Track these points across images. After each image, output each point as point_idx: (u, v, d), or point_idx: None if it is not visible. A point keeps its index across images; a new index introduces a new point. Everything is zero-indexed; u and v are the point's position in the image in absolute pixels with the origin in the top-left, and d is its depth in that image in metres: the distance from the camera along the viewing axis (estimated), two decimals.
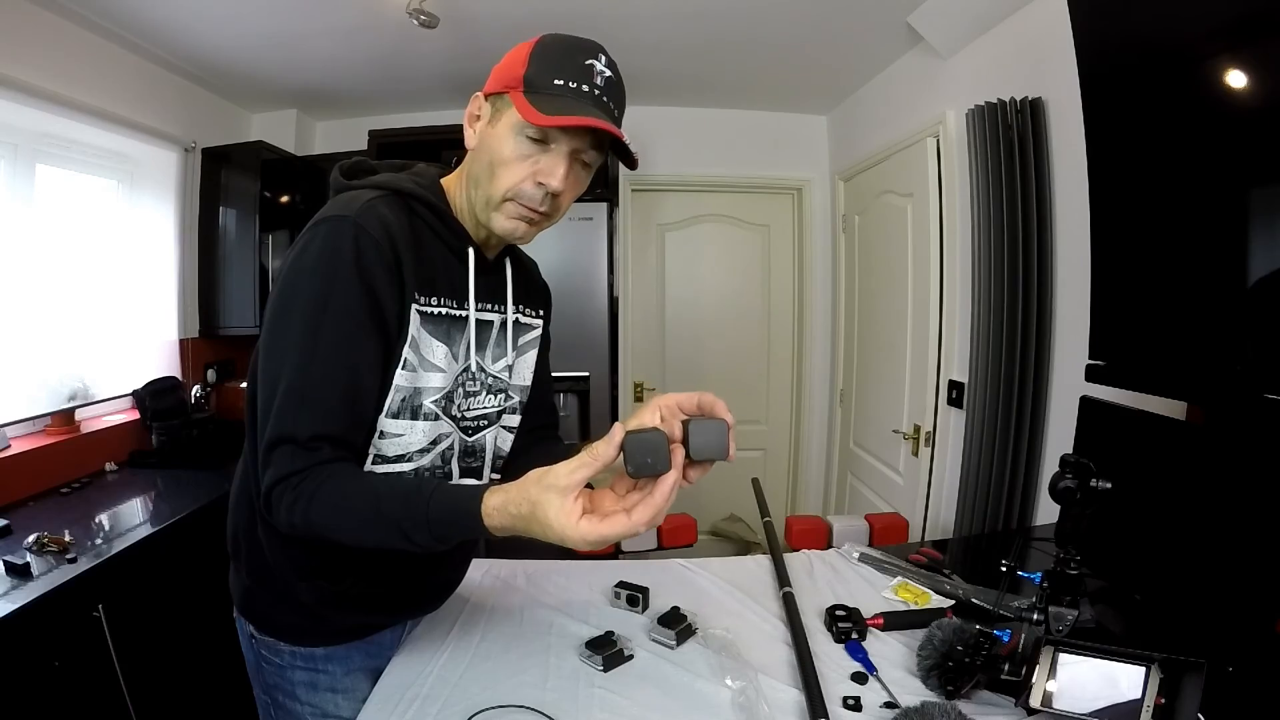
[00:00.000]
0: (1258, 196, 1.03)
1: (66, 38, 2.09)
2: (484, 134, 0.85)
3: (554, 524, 0.66)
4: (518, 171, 0.83)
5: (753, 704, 0.89)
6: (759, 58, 2.66)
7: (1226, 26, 1.02)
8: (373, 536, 0.76)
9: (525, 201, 0.84)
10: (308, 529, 0.76)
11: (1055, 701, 0.83)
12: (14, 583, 1.39)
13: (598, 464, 0.66)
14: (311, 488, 0.75)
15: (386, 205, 0.83)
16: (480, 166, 0.86)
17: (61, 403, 2.18)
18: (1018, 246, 1.84)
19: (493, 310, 0.96)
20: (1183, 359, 1.18)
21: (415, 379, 0.86)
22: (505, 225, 0.86)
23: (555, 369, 2.79)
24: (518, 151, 0.82)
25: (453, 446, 0.95)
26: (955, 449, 2.19)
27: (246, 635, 0.98)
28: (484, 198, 0.86)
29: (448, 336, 0.89)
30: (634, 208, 3.36)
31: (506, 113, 0.82)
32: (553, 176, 0.83)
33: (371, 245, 0.79)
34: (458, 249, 0.90)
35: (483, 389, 0.97)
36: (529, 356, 1.05)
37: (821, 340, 3.46)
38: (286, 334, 0.79)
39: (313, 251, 0.79)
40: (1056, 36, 1.55)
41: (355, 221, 0.79)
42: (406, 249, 0.83)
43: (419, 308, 0.84)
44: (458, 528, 0.72)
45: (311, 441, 0.76)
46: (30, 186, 2.11)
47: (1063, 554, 0.96)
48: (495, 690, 0.93)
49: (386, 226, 0.81)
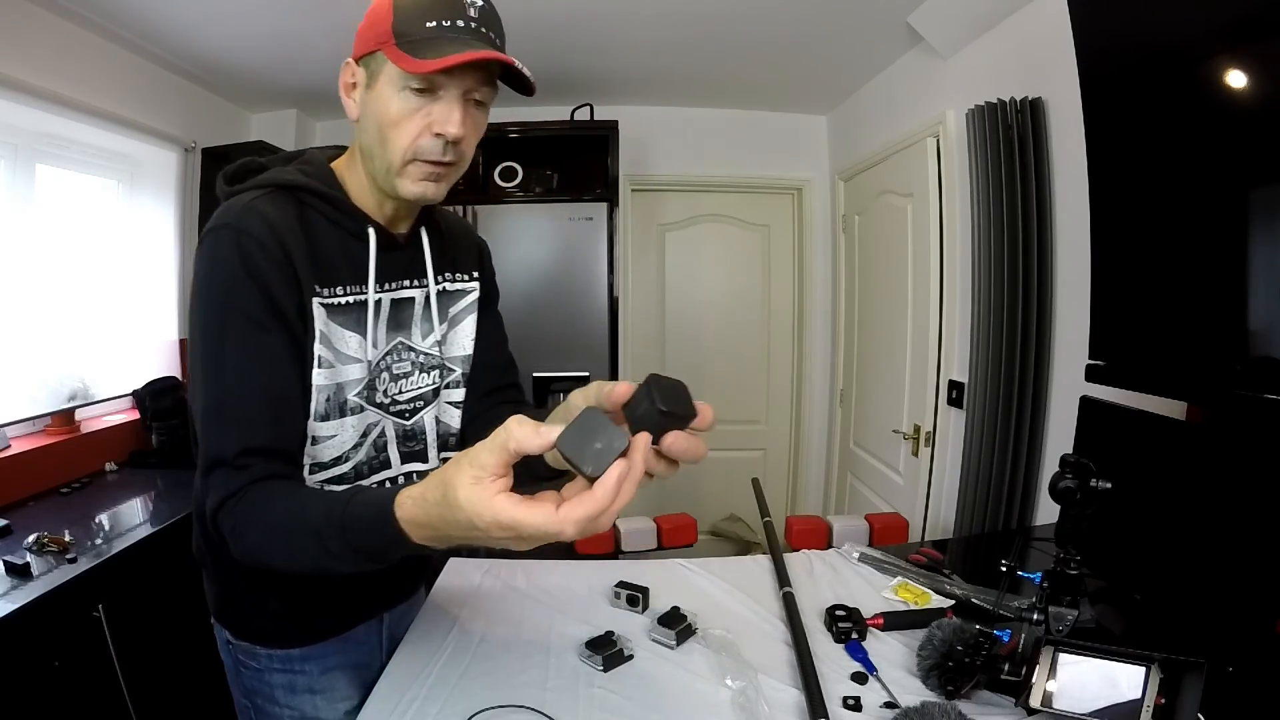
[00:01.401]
0: (1258, 196, 1.03)
1: (66, 38, 2.09)
2: (364, 101, 0.81)
3: (463, 501, 0.52)
4: (410, 128, 0.78)
5: (753, 704, 0.89)
6: (759, 58, 2.66)
7: (1226, 26, 1.02)
8: (303, 556, 0.67)
9: (427, 157, 0.80)
10: (249, 555, 0.73)
11: (1055, 701, 0.83)
12: (14, 583, 1.39)
13: (537, 440, 0.50)
14: (245, 510, 0.72)
15: (270, 203, 0.80)
16: (369, 136, 0.81)
17: (61, 403, 2.18)
18: (1018, 246, 1.83)
19: (412, 286, 0.93)
20: (1183, 359, 1.18)
21: (334, 375, 0.84)
22: (414, 189, 0.82)
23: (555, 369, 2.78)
24: (405, 107, 0.78)
25: (384, 434, 0.92)
26: (955, 449, 2.19)
27: (223, 641, 0.96)
28: (383, 167, 0.81)
29: (359, 324, 0.86)
30: (634, 208, 3.36)
31: (383, 71, 0.78)
32: (449, 123, 0.78)
33: (256, 247, 0.76)
34: (358, 231, 0.86)
35: (414, 368, 0.94)
36: (466, 324, 1.01)
37: (821, 340, 3.46)
38: (197, 355, 0.77)
39: (202, 268, 0.77)
40: (1056, 36, 1.54)
41: (235, 227, 0.76)
42: (297, 243, 0.79)
43: (321, 301, 0.81)
44: (372, 530, 0.61)
45: (240, 459, 0.73)
46: (30, 186, 2.11)
47: (1063, 554, 0.96)
48: (495, 690, 0.93)
49: (270, 225, 0.77)
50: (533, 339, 2.70)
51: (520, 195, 2.79)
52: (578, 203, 2.68)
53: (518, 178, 2.80)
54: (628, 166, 3.04)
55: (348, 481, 0.88)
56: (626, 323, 3.28)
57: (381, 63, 0.78)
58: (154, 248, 2.63)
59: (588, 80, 2.86)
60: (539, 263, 2.70)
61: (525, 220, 2.69)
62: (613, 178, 2.73)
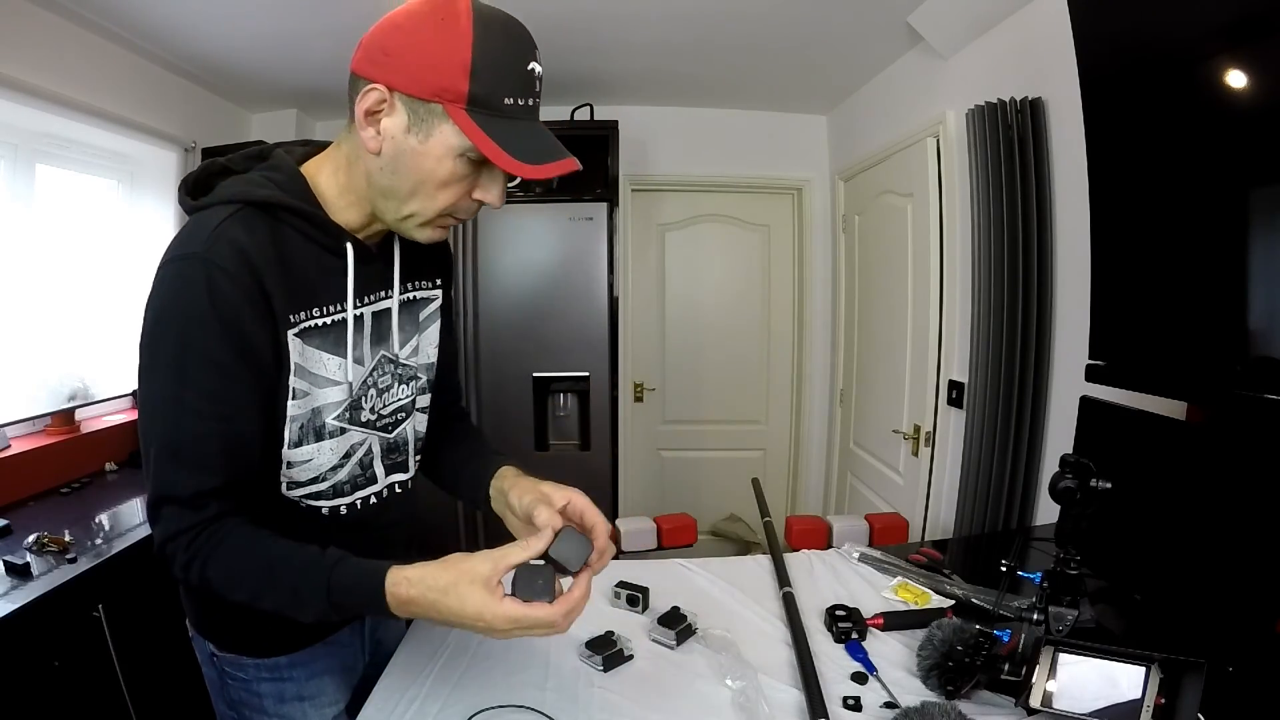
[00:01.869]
0: (1258, 196, 1.03)
1: (66, 38, 2.09)
2: (403, 147, 0.73)
3: (475, 600, 0.67)
4: (455, 192, 0.76)
5: (753, 704, 0.89)
6: (759, 58, 2.66)
7: (1226, 26, 1.02)
8: (266, 600, 0.73)
9: (460, 215, 0.80)
10: (204, 587, 0.73)
11: (1055, 701, 0.83)
12: (14, 583, 1.39)
13: (527, 554, 0.70)
14: (207, 548, 0.72)
15: (242, 225, 0.73)
16: (399, 181, 0.75)
17: (61, 403, 2.18)
18: (1018, 246, 1.83)
19: (388, 295, 0.90)
20: (1183, 359, 1.18)
21: (309, 402, 0.81)
22: (432, 235, 0.81)
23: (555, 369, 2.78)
24: (458, 173, 0.74)
25: (371, 450, 0.91)
26: (955, 449, 2.19)
27: (207, 654, 0.94)
28: (403, 213, 0.78)
29: (338, 345, 0.82)
30: (634, 208, 3.36)
31: (441, 129, 0.71)
32: (491, 194, 0.78)
33: (228, 283, 0.70)
34: (335, 248, 0.81)
35: (394, 380, 0.92)
36: (431, 332, 0.99)
37: (821, 340, 3.46)
38: (154, 390, 0.73)
39: (166, 298, 0.72)
40: (1056, 36, 1.54)
41: (205, 259, 0.70)
42: (272, 271, 0.74)
43: (297, 331, 0.78)
44: (359, 600, 0.71)
45: (195, 500, 0.72)
46: (30, 186, 2.11)
47: (1063, 554, 0.96)
48: (495, 690, 0.93)
49: (244, 254, 0.72)
50: (533, 339, 2.70)
51: (520, 195, 2.79)
52: (578, 203, 2.68)
53: (518, 178, 2.80)
54: (628, 166, 3.04)
55: (326, 498, 0.87)
56: (626, 323, 3.28)
57: (441, 118, 0.71)
58: (154, 248, 2.62)
59: (588, 80, 2.86)
60: (539, 263, 2.70)
61: (525, 220, 2.69)
62: (613, 178, 2.73)
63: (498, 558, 0.70)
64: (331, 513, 0.88)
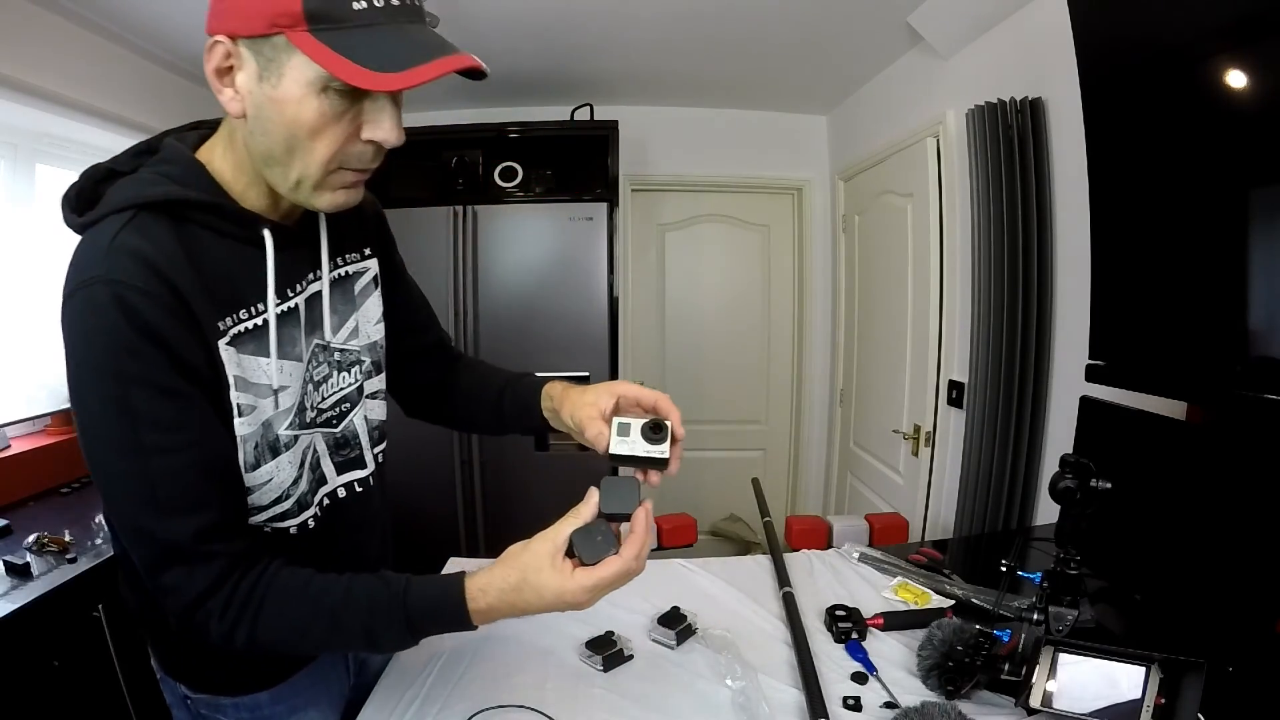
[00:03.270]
0: (1258, 196, 1.03)
1: (66, 38, 2.09)
2: (259, 99, 0.63)
3: (547, 587, 0.67)
4: (334, 136, 0.64)
5: (753, 704, 0.89)
6: (759, 58, 2.66)
7: (1226, 26, 1.02)
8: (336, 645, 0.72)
9: (354, 165, 0.68)
10: (251, 648, 0.68)
11: (1055, 701, 0.83)
12: (14, 583, 1.39)
13: (580, 522, 0.69)
14: (248, 611, 0.66)
15: (139, 233, 0.64)
16: (269, 141, 0.65)
17: (61, 403, 2.18)
18: (1018, 247, 1.83)
19: (316, 279, 0.80)
20: (1183, 359, 1.18)
21: (258, 416, 0.72)
22: (336, 200, 0.70)
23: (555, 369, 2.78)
24: (327, 112, 0.62)
25: (314, 450, 0.82)
26: (955, 449, 2.19)
27: (179, 697, 0.87)
28: (290, 178, 0.67)
29: (277, 347, 0.74)
30: (634, 208, 3.36)
31: (290, 64, 0.60)
32: (383, 129, 0.65)
33: (142, 300, 0.61)
34: (251, 237, 0.72)
35: (332, 369, 0.83)
36: (369, 307, 0.89)
37: (821, 340, 3.46)
38: (102, 445, 0.64)
39: (81, 338, 0.62)
40: (1056, 36, 1.54)
41: (108, 281, 0.60)
42: (186, 278, 0.65)
43: (229, 339, 0.69)
44: (440, 620, 0.70)
45: (198, 546, 0.64)
46: (30, 186, 2.11)
47: (1063, 554, 0.96)
48: (495, 690, 0.93)
49: (150, 265, 0.62)
50: (533, 339, 2.70)
51: (520, 195, 2.79)
52: (578, 203, 2.68)
53: (518, 178, 2.80)
54: (628, 166, 3.04)
55: (292, 516, 0.79)
56: (626, 323, 3.28)
57: (284, 51, 0.60)
58: None
59: (588, 80, 2.86)
60: (539, 263, 2.70)
61: (525, 220, 2.69)
62: (613, 178, 2.73)
63: (554, 536, 0.69)
64: (300, 530, 0.80)
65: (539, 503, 2.62)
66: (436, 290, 2.62)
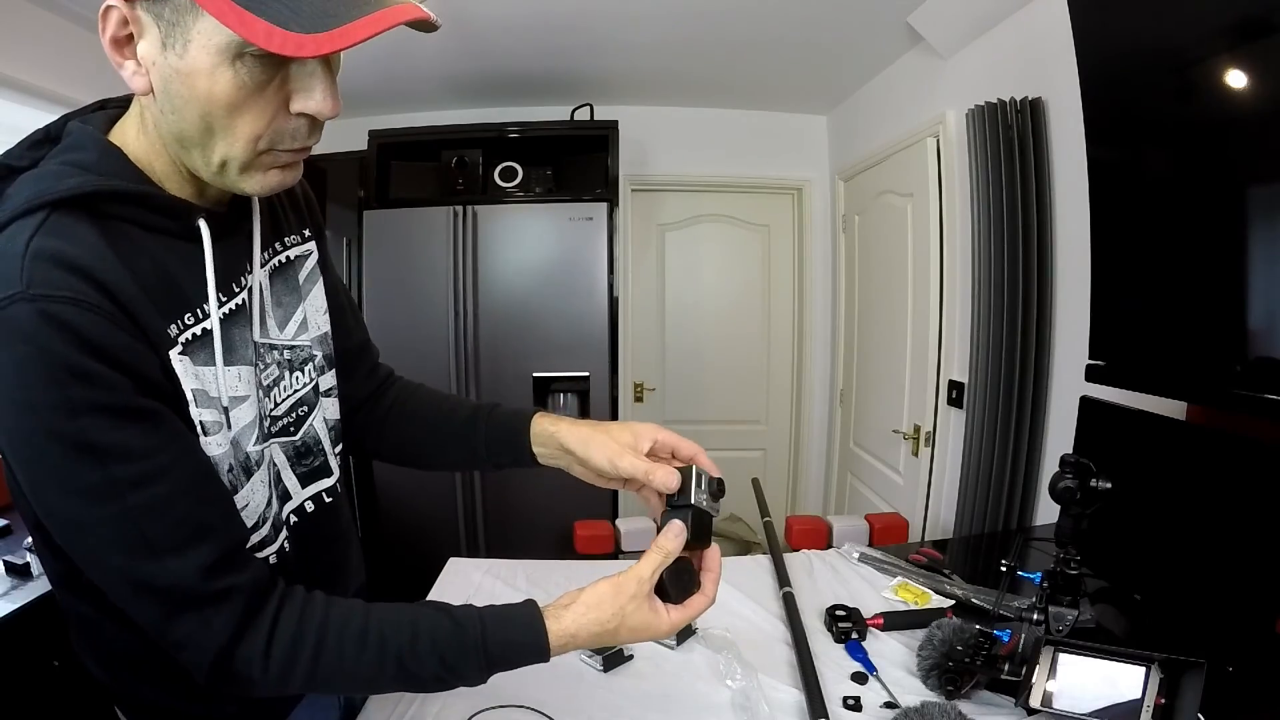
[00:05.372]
0: (1257, 196, 1.03)
1: (66, 38, 2.09)
2: (164, 72, 0.53)
3: (645, 626, 0.67)
4: (259, 111, 0.54)
5: (753, 704, 0.89)
6: (759, 58, 2.66)
7: (1226, 27, 1.02)
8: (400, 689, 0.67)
9: (287, 145, 0.58)
10: (305, 690, 0.63)
11: (1055, 701, 0.83)
12: (14, 583, 1.39)
13: (668, 559, 0.68)
14: (301, 661, 0.59)
15: (57, 235, 0.52)
16: (185, 121, 0.54)
17: None
18: (1018, 247, 1.84)
19: (252, 270, 0.70)
20: (1183, 359, 1.18)
21: (226, 434, 0.63)
22: (267, 182, 0.59)
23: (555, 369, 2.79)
24: (246, 82, 0.52)
25: (274, 463, 0.72)
26: (955, 449, 2.19)
27: None
28: (214, 162, 0.56)
29: (232, 353, 0.65)
30: (634, 208, 3.36)
31: (196, 29, 0.50)
32: (317, 98, 0.55)
33: (76, 313, 0.50)
34: (184, 231, 0.61)
35: (281, 369, 0.72)
36: (315, 295, 0.78)
37: (821, 340, 3.46)
38: (64, 494, 0.53)
39: (9, 371, 0.50)
40: (1056, 36, 1.54)
41: (31, 295, 0.49)
42: (121, 280, 0.54)
43: (180, 350, 0.59)
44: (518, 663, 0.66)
45: (206, 587, 0.55)
46: None
47: (1063, 554, 0.97)
48: (495, 690, 0.93)
49: (78, 270, 0.51)
50: (533, 339, 2.70)
51: (520, 195, 2.79)
52: (578, 203, 2.68)
53: (518, 178, 2.80)
54: (628, 166, 3.04)
55: (270, 545, 0.69)
56: (626, 323, 3.28)
57: (187, 13, 0.50)
58: None
59: (588, 80, 2.86)
60: (539, 263, 2.70)
61: (525, 220, 2.69)
62: (613, 178, 2.73)
63: (645, 577, 0.67)
64: (279, 557, 0.71)
65: (539, 503, 2.62)
66: (436, 290, 2.62)
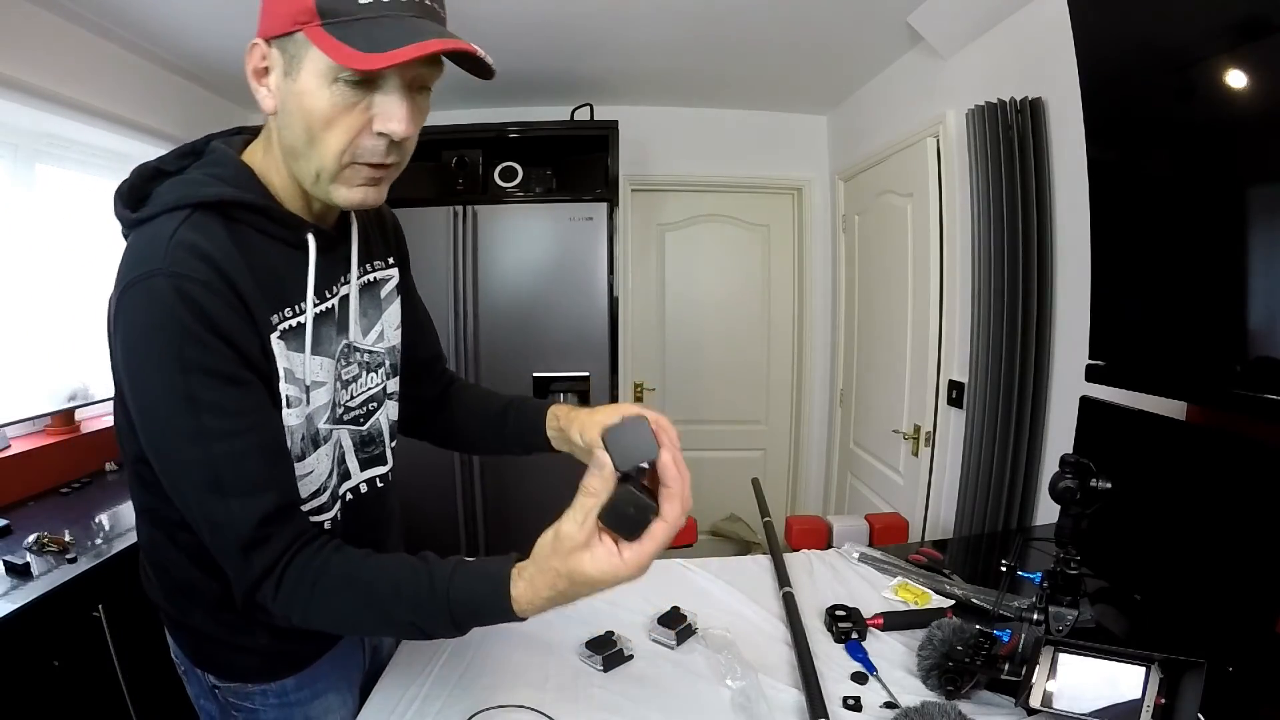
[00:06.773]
0: (1257, 196, 1.03)
1: (66, 38, 2.09)
2: (285, 93, 0.68)
3: (601, 575, 0.63)
4: (346, 128, 0.67)
5: (753, 704, 0.89)
6: (759, 58, 2.66)
7: (1226, 27, 1.02)
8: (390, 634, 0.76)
9: (367, 159, 0.70)
10: (305, 625, 0.71)
11: (1055, 701, 0.83)
12: (14, 583, 1.39)
13: (599, 499, 0.62)
14: (300, 597, 0.68)
15: (196, 230, 0.68)
16: (293, 134, 0.69)
17: (61, 403, 2.18)
18: (1018, 247, 1.84)
19: (345, 281, 0.85)
20: (1183, 359, 1.18)
21: (304, 409, 0.77)
22: (352, 197, 0.72)
23: (555, 369, 2.78)
24: (338, 103, 0.66)
25: (341, 444, 0.86)
26: (955, 449, 2.19)
27: (207, 688, 0.88)
28: (311, 171, 0.70)
29: (316, 344, 0.78)
30: (634, 208, 3.36)
31: (307, 58, 0.65)
32: (394, 120, 0.68)
33: (204, 293, 0.65)
34: (296, 241, 0.77)
35: (361, 369, 0.88)
36: (391, 313, 0.94)
37: (821, 340, 3.46)
38: (164, 428, 0.67)
39: (139, 328, 0.66)
40: (1056, 36, 1.54)
41: (170, 272, 0.64)
42: (241, 273, 0.69)
43: (278, 334, 0.73)
44: (486, 620, 0.68)
45: (259, 530, 0.67)
46: (30, 186, 2.11)
47: (1063, 554, 0.97)
48: (495, 690, 0.93)
49: (211, 261, 0.66)
50: (533, 339, 2.70)
51: (520, 195, 2.79)
52: (578, 203, 2.68)
53: (518, 178, 2.80)
54: (628, 166, 3.04)
55: (326, 511, 0.83)
56: (626, 323, 3.28)
57: (303, 47, 0.65)
58: None
59: (588, 80, 2.86)
60: (539, 263, 2.70)
61: (525, 220, 2.69)
62: (613, 178, 2.73)
63: (580, 519, 0.63)
64: (331, 525, 0.84)
65: (539, 502, 2.62)
66: (437, 290, 2.62)
